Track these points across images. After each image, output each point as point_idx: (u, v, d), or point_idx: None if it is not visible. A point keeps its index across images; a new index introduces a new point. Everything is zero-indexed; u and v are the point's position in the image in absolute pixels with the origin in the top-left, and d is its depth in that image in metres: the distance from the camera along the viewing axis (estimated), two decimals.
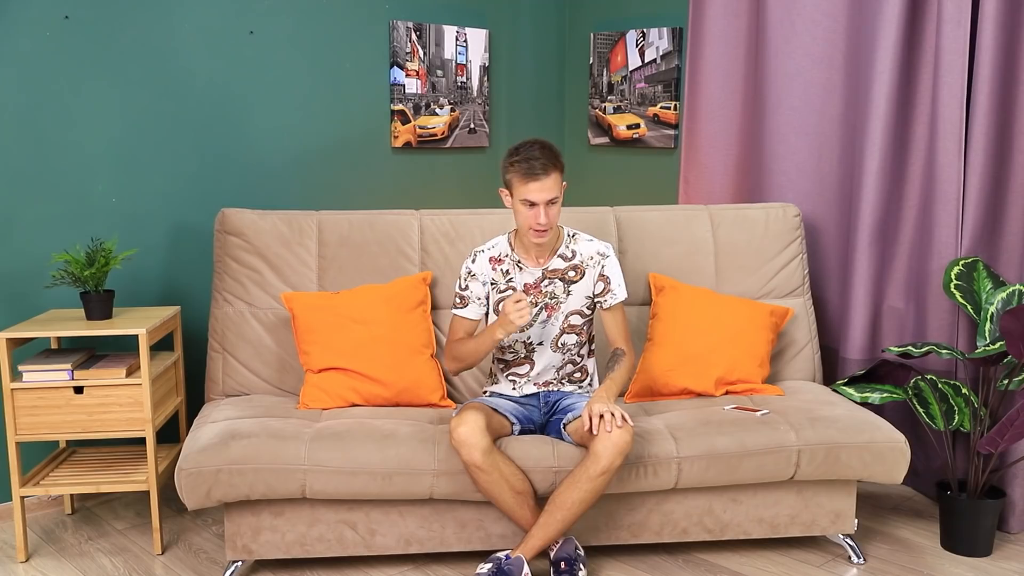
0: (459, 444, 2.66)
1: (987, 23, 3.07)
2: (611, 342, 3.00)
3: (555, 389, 3.00)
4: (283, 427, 2.83)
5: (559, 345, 2.96)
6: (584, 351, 3.03)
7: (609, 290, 2.95)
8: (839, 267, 3.66)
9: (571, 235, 2.98)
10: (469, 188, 4.40)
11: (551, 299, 2.93)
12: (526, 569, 2.69)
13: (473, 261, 2.98)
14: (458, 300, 2.99)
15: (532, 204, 2.77)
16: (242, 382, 3.23)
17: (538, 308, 2.93)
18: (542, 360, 2.97)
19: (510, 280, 2.94)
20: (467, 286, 2.97)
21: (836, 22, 3.54)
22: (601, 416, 2.64)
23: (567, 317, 2.95)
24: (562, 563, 2.77)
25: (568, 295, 2.94)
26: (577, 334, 2.97)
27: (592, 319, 3.02)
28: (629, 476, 2.80)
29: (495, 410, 2.84)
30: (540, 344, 2.96)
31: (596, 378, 3.09)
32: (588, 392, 3.04)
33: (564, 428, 2.83)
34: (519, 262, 2.94)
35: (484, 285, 2.96)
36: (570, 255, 2.95)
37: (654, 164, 4.38)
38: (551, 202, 2.78)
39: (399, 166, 4.16)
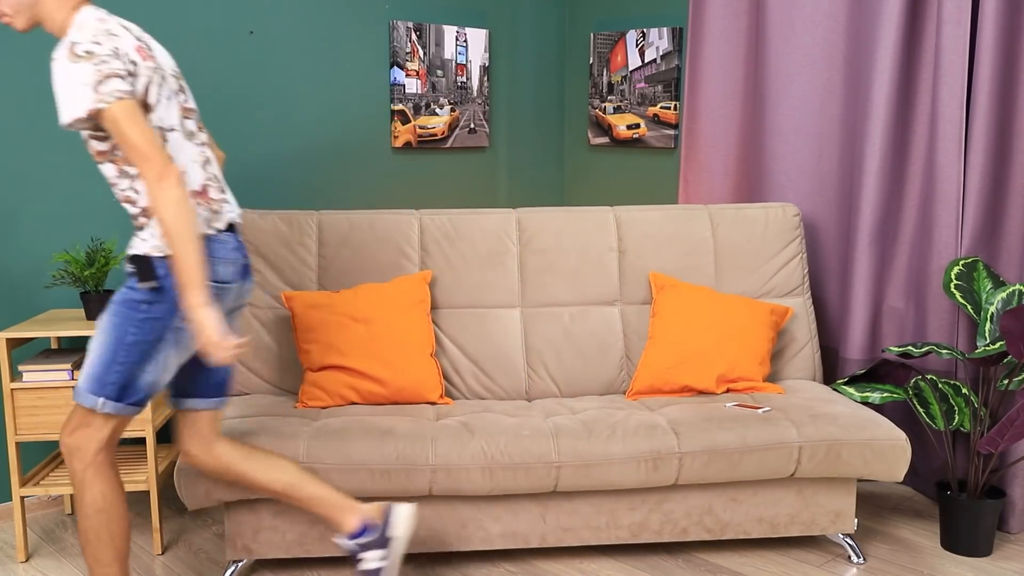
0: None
1: (987, 23, 3.08)
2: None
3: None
4: (282, 425, 2.83)
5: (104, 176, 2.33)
6: (135, 188, 2.25)
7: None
8: (839, 267, 3.66)
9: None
10: (469, 188, 4.40)
11: None
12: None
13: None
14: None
15: None
16: (242, 381, 3.23)
17: None
18: None
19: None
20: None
21: (836, 22, 3.54)
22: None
23: (87, 141, 2.24)
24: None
25: None
26: (112, 161, 2.23)
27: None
28: (631, 472, 2.80)
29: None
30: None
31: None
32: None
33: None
34: None
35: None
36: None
37: (654, 164, 4.38)
38: None
39: (399, 166, 4.17)
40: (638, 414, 2.99)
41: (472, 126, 4.37)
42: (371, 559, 2.54)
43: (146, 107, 2.22)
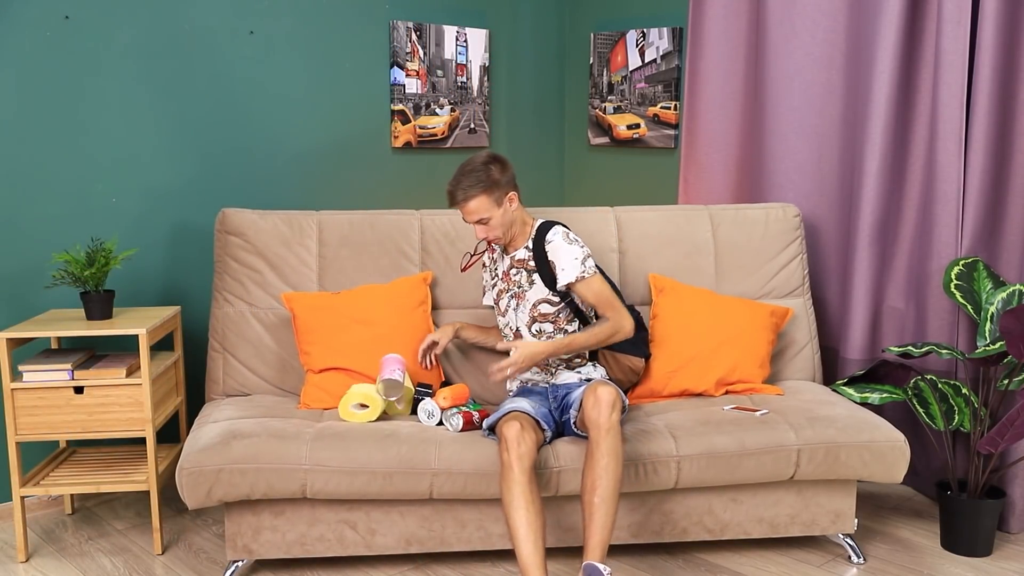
0: (505, 440, 2.64)
1: (987, 23, 3.08)
2: (599, 315, 3.00)
3: (558, 382, 3.00)
4: (284, 427, 2.83)
5: (536, 332, 2.99)
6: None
7: (560, 269, 2.92)
8: (839, 267, 3.66)
9: (540, 226, 2.99)
10: None
11: (518, 288, 3.00)
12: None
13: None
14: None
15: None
16: (243, 382, 3.23)
17: (508, 295, 3.05)
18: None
19: (495, 266, 3.12)
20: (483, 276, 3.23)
21: (836, 22, 3.54)
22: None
23: (535, 306, 2.97)
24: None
25: (532, 284, 2.97)
26: (552, 322, 2.97)
27: (573, 303, 2.98)
28: (629, 476, 2.80)
29: (527, 415, 2.80)
30: (517, 330, 3.03)
31: (596, 363, 3.10)
32: (588, 375, 3.05)
33: (575, 426, 2.84)
34: (505, 248, 3.06)
35: (484, 267, 3.20)
36: (532, 245, 2.99)
37: (654, 164, 4.38)
38: (481, 221, 2.88)
39: (399, 166, 4.16)
40: (636, 418, 2.99)
41: (472, 126, 4.37)
42: None
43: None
